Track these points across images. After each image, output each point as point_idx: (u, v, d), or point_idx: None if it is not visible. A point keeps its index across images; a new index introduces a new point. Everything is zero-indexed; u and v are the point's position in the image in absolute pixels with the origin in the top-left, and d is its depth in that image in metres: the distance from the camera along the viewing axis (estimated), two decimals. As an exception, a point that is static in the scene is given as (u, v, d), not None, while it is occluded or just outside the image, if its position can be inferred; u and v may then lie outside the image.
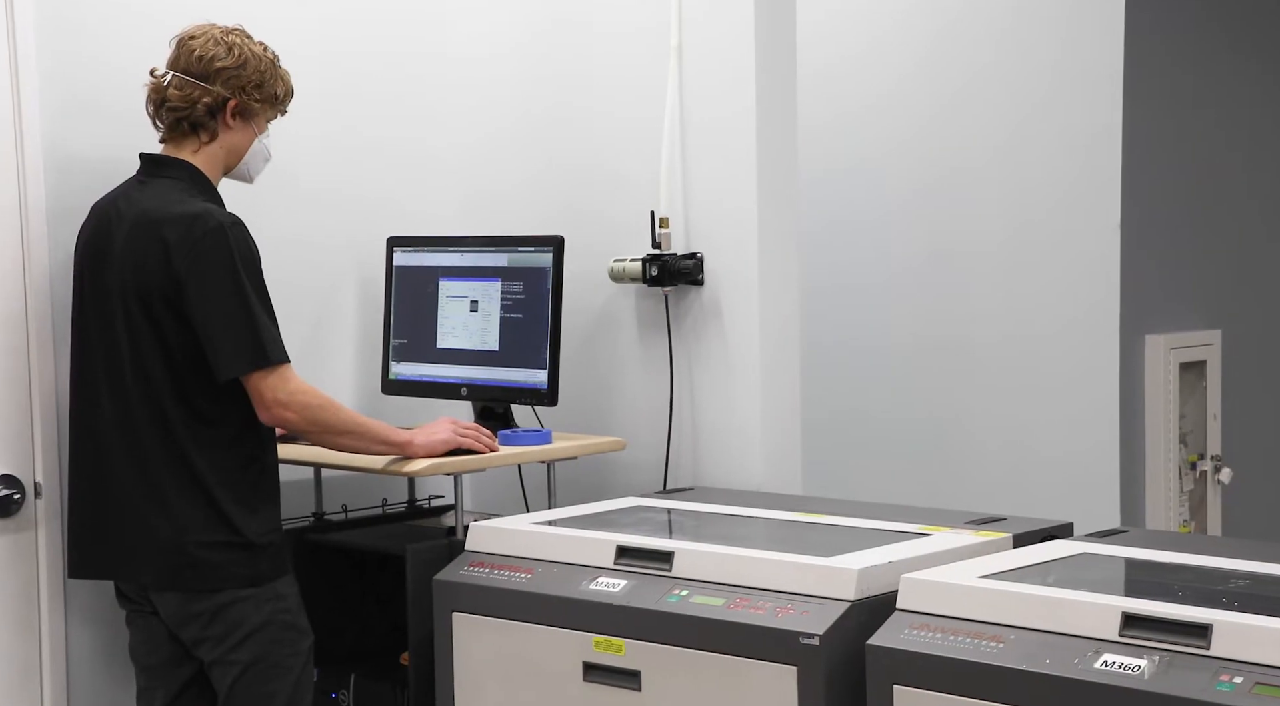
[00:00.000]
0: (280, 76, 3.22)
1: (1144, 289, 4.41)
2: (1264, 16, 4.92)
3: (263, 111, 3.20)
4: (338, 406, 3.16)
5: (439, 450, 3.29)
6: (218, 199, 3.18)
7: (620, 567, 2.99)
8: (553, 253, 3.65)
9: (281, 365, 3.04)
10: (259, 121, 3.21)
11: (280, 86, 3.21)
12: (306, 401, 3.07)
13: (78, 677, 3.44)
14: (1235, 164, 4.82)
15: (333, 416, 3.13)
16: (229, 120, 3.15)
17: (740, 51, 3.61)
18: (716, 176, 3.67)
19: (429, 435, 3.30)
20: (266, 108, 3.20)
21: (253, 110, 3.18)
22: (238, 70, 3.14)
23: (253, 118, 3.19)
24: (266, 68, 3.18)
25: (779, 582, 2.77)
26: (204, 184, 3.16)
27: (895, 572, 2.70)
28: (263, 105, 3.19)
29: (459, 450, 3.33)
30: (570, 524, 3.22)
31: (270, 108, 3.21)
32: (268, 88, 3.18)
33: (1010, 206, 4.51)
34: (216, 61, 3.12)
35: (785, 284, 3.68)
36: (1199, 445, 4.68)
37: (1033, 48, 4.47)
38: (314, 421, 3.10)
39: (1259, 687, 2.20)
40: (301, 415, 3.07)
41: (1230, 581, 2.63)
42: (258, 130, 3.21)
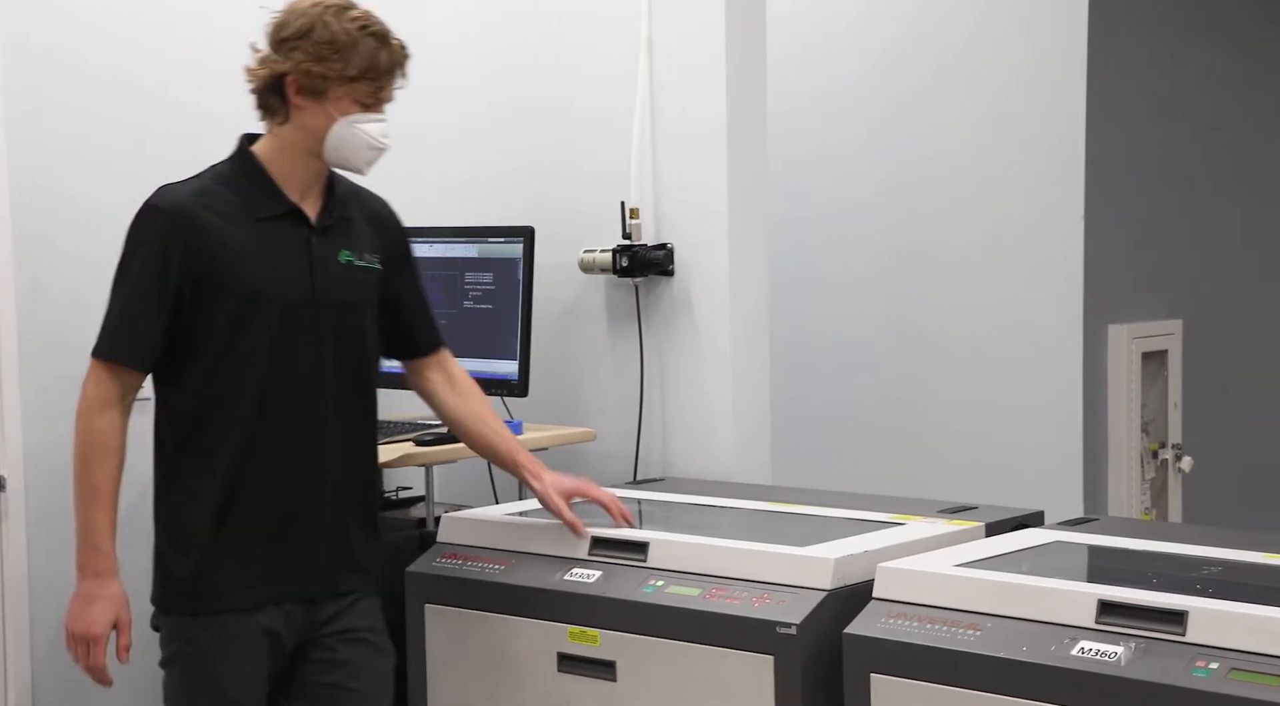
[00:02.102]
0: (360, 51, 2.74)
1: (1107, 279, 4.44)
2: (1227, 8, 4.96)
3: (338, 90, 2.75)
4: (100, 449, 2.72)
5: (78, 626, 2.76)
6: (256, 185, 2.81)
7: (594, 558, 2.99)
8: (523, 243, 3.65)
9: (93, 361, 2.75)
10: (336, 102, 2.76)
11: (356, 63, 2.73)
12: (82, 408, 2.74)
13: (42, 671, 3.42)
14: (1197, 156, 4.86)
15: (79, 448, 2.74)
16: (295, 98, 2.76)
17: (710, 43, 3.62)
18: (687, 167, 3.68)
19: (89, 608, 2.74)
20: (339, 85, 2.74)
21: (319, 87, 2.74)
22: (299, 41, 2.73)
23: (325, 96, 2.75)
24: (338, 39, 2.72)
25: (755, 572, 2.78)
26: (239, 165, 2.83)
27: (871, 561, 2.71)
28: (334, 83, 2.74)
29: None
30: (543, 515, 3.22)
31: (346, 86, 2.74)
32: (333, 62, 2.72)
33: (975, 198, 4.54)
34: (281, 31, 2.76)
35: (755, 274, 3.69)
36: (1160, 434, 4.73)
37: (997, 40, 4.50)
38: (75, 432, 2.75)
39: (1234, 673, 2.23)
40: (76, 417, 2.76)
41: (1203, 568, 2.66)
42: (337, 112, 2.76)
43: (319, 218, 2.85)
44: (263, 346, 2.77)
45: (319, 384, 2.81)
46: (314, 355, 2.81)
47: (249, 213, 2.79)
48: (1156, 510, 4.69)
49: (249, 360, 2.76)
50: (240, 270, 2.75)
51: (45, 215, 3.46)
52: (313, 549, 2.82)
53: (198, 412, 2.78)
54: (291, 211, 2.82)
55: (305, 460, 2.81)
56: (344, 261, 2.86)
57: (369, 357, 2.92)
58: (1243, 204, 5.08)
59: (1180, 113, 4.76)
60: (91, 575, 2.74)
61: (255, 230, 2.79)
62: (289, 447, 2.79)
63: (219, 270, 2.74)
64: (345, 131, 2.77)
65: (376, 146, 2.81)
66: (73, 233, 3.50)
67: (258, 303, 2.76)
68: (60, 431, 3.46)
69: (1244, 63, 5.05)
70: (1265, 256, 5.20)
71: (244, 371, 2.76)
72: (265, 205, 2.80)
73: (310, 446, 2.81)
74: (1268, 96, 5.18)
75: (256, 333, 2.76)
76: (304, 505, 2.81)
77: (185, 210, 2.74)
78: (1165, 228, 4.73)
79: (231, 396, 2.77)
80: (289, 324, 2.78)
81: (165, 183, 2.82)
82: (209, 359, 2.76)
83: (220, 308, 2.75)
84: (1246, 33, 5.07)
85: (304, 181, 2.83)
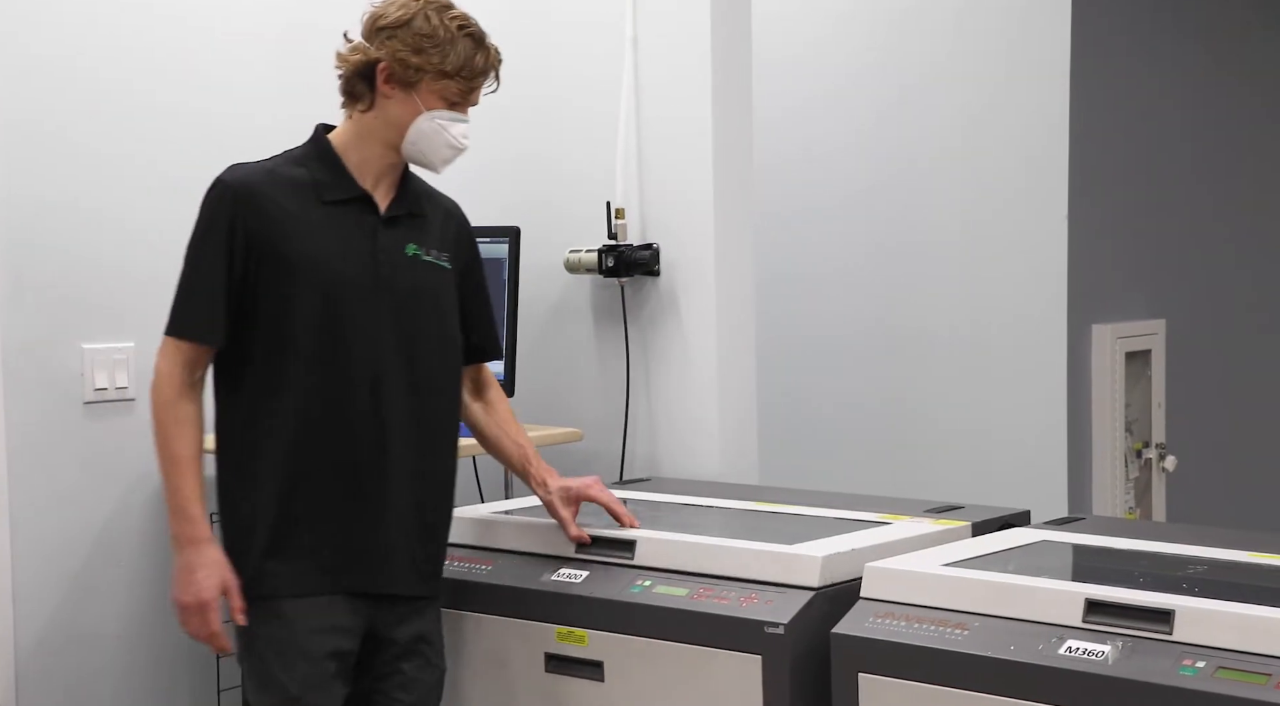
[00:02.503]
0: (457, 48, 2.74)
1: (1091, 279, 4.46)
2: (1211, 9, 4.98)
3: (430, 84, 2.74)
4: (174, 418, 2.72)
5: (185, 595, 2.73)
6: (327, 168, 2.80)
7: (582, 557, 2.99)
8: (509, 243, 3.65)
9: (166, 336, 2.75)
10: (425, 95, 2.75)
11: (453, 59, 2.73)
12: (155, 383, 2.74)
13: (26, 671, 3.41)
14: (1181, 157, 4.88)
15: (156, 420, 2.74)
16: (384, 87, 2.76)
17: (696, 43, 3.63)
18: (672, 167, 3.68)
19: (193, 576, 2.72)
20: (432, 79, 2.74)
21: (411, 78, 2.74)
22: (396, 30, 2.73)
23: (415, 88, 2.75)
24: (438, 34, 2.72)
25: (742, 571, 2.78)
26: (313, 149, 2.82)
27: (858, 560, 2.72)
28: (427, 76, 2.73)
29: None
30: (529, 514, 3.22)
31: (438, 81, 2.74)
32: (429, 55, 2.72)
33: (960, 198, 4.55)
34: (380, 20, 2.76)
35: (741, 274, 3.70)
36: (1144, 433, 4.75)
37: (981, 41, 4.51)
38: (151, 407, 2.75)
39: (1221, 672, 2.24)
40: (150, 392, 2.75)
41: (1189, 567, 2.67)
42: (424, 105, 2.75)
43: (389, 208, 2.82)
44: (320, 327, 2.73)
45: (377, 368, 2.77)
46: (373, 340, 2.77)
47: (316, 195, 2.78)
48: (1140, 509, 4.71)
49: (306, 340, 2.73)
50: (301, 250, 2.73)
51: (30, 216, 3.44)
52: (375, 546, 2.79)
53: (256, 394, 2.75)
54: (360, 197, 2.80)
55: (365, 451, 2.77)
56: (410, 254, 2.83)
57: (442, 351, 2.87)
58: (1227, 204, 5.10)
59: (1164, 113, 4.78)
60: (188, 543, 2.71)
61: (321, 213, 2.77)
62: (347, 436, 2.75)
63: (279, 249, 2.72)
64: (428, 126, 2.77)
65: (456, 146, 2.81)
66: (56, 234, 3.48)
67: (316, 283, 2.73)
68: (44, 437, 3.47)
69: (1228, 63, 5.08)
70: (1248, 257, 5.22)
71: (300, 351, 2.73)
72: (334, 188, 2.79)
73: (370, 438, 2.77)
74: (1252, 96, 5.20)
75: (314, 313, 2.73)
76: (361, 500, 2.77)
77: (250, 187, 2.74)
78: (1149, 228, 4.75)
79: (287, 378, 2.73)
80: (348, 307, 2.75)
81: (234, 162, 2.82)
82: (268, 338, 2.74)
83: (279, 287, 2.73)
84: (1231, 33, 5.09)
85: (378, 170, 2.81)
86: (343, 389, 2.76)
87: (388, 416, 2.78)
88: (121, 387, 3.55)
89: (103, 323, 3.53)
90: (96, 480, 3.56)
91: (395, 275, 2.80)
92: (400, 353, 2.80)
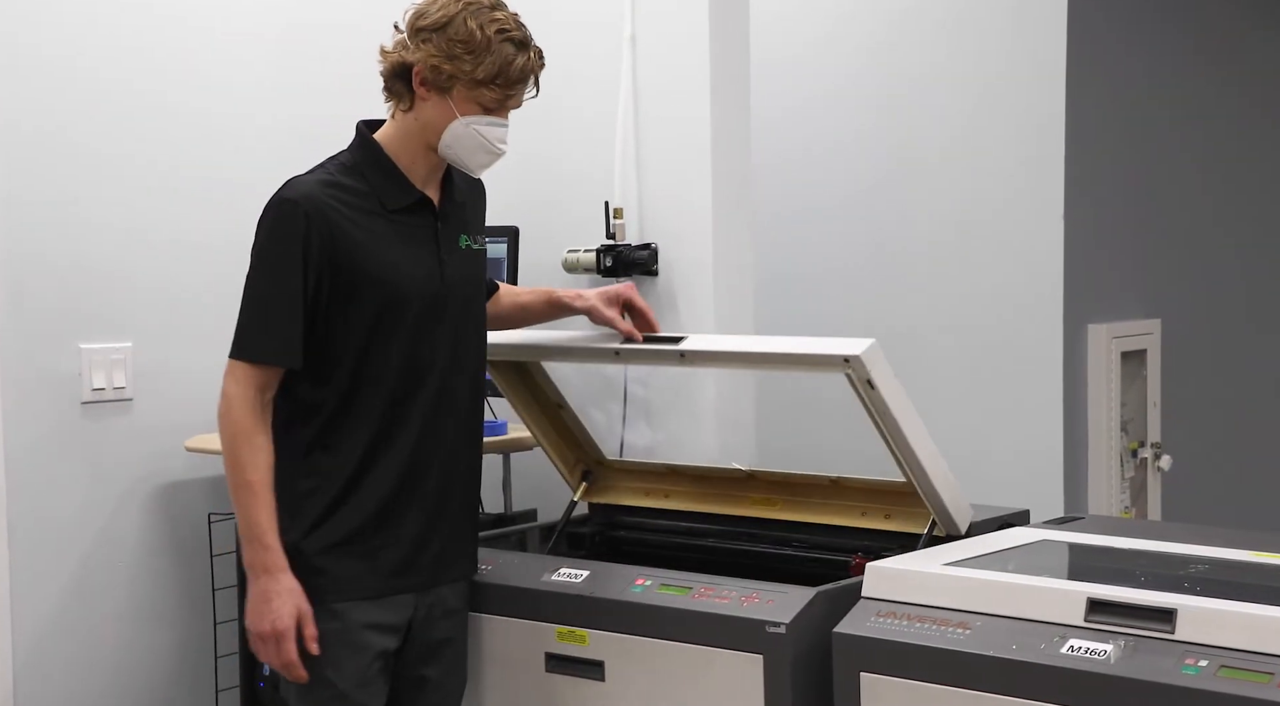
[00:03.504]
0: (494, 56, 2.69)
1: (1086, 279, 4.46)
2: (1207, 8, 4.99)
3: (464, 90, 2.71)
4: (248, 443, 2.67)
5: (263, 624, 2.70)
6: (384, 175, 2.77)
7: (583, 557, 2.99)
8: (507, 243, 3.65)
9: (233, 360, 2.70)
10: (460, 101, 2.72)
11: (486, 67, 2.69)
12: (225, 407, 2.69)
13: (24, 679, 3.40)
14: (1176, 156, 4.89)
15: (228, 445, 2.69)
16: (420, 89, 2.73)
17: (695, 43, 3.63)
18: (671, 167, 3.68)
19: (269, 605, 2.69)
20: (467, 86, 2.71)
21: (445, 84, 2.71)
22: (433, 33, 2.69)
23: (449, 93, 2.71)
24: (474, 39, 2.68)
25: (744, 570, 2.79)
26: (365, 155, 2.79)
27: (860, 560, 2.73)
28: (460, 82, 2.70)
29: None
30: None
31: (473, 88, 2.71)
32: (462, 62, 2.68)
33: (956, 198, 4.55)
34: (420, 20, 2.72)
35: (740, 274, 3.70)
36: (1139, 433, 4.75)
37: (977, 43, 4.51)
38: (220, 432, 2.71)
39: (1224, 670, 2.24)
40: (218, 417, 2.71)
41: (1190, 566, 2.67)
42: (459, 111, 2.72)
43: (441, 205, 2.83)
44: (398, 345, 2.74)
45: (444, 370, 2.79)
46: (441, 344, 2.79)
47: (380, 204, 2.75)
48: (1135, 509, 4.72)
49: (385, 359, 2.73)
50: (376, 266, 2.71)
51: (28, 217, 3.44)
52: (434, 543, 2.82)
53: (328, 412, 2.73)
54: (421, 201, 2.79)
55: (431, 453, 2.79)
56: (464, 247, 2.85)
57: (481, 336, 2.93)
58: (1222, 204, 5.11)
59: (1160, 114, 4.78)
60: (263, 572, 2.68)
61: (387, 223, 2.75)
62: (416, 438, 2.76)
63: (355, 266, 2.70)
64: (463, 131, 2.74)
65: (493, 151, 2.78)
66: (55, 234, 3.48)
67: (394, 300, 2.72)
68: (41, 437, 3.46)
69: (1224, 63, 5.08)
70: (1243, 256, 5.23)
71: (380, 370, 2.73)
72: (395, 195, 2.76)
73: (437, 438, 2.79)
74: (1247, 96, 5.21)
75: (392, 331, 2.73)
76: (424, 500, 2.80)
77: (318, 202, 2.69)
78: (1144, 228, 4.76)
79: (363, 392, 2.73)
80: (423, 321, 2.75)
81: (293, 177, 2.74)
82: (344, 357, 2.72)
83: (356, 304, 2.71)
84: (1227, 33, 5.10)
85: (428, 169, 2.80)
86: (415, 394, 2.76)
87: (451, 416, 2.81)
88: (119, 387, 3.55)
89: (101, 323, 3.53)
90: (94, 480, 3.56)
91: (456, 280, 2.82)
92: (459, 348, 2.82)
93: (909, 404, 2.83)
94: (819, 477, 3.18)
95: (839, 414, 4.60)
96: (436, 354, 2.78)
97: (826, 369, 2.86)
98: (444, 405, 2.80)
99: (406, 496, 2.78)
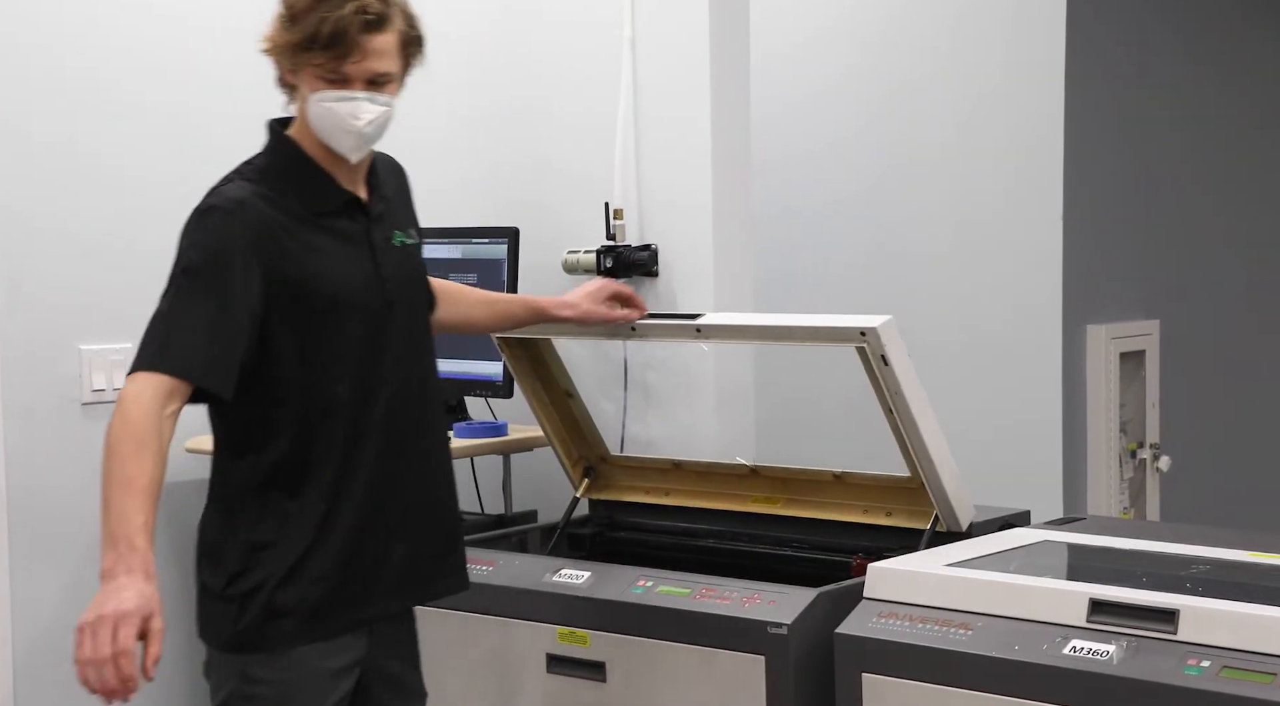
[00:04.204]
0: (311, 18, 2.38)
1: (1085, 280, 4.46)
2: (1205, 10, 5.00)
3: (300, 62, 2.42)
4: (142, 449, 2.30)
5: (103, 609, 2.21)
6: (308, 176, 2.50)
7: (585, 557, 3.00)
8: (507, 244, 3.65)
9: (135, 372, 2.36)
10: (306, 77, 2.43)
11: (301, 29, 2.39)
12: (121, 413, 2.32)
13: (24, 687, 3.40)
14: (1175, 157, 4.89)
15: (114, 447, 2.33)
16: (284, 74, 2.49)
17: (694, 44, 3.62)
18: (670, 168, 3.68)
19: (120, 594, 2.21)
20: (299, 58, 2.41)
21: (287, 61, 2.44)
22: (278, 7, 2.45)
23: (299, 72, 2.44)
24: (296, 5, 2.40)
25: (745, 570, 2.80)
26: (281, 156, 2.51)
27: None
28: (293, 54, 2.42)
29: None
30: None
31: (302, 56, 2.41)
32: (283, 30, 2.41)
33: (954, 199, 4.55)
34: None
35: (739, 275, 3.70)
36: (1138, 433, 4.75)
37: (975, 42, 4.51)
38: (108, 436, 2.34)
39: (1226, 671, 2.24)
40: (110, 423, 2.35)
41: (1191, 567, 2.67)
42: (308, 88, 2.44)
43: (371, 203, 2.56)
44: (347, 360, 2.47)
45: (395, 381, 2.52)
46: (400, 363, 2.53)
47: (310, 208, 2.48)
48: (1135, 509, 4.72)
49: (335, 377, 2.46)
50: (314, 278, 2.45)
51: (28, 218, 3.43)
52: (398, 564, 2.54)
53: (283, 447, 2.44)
54: (350, 200, 2.53)
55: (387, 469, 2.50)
56: (398, 244, 2.58)
57: (431, 338, 2.66)
58: (1221, 205, 5.11)
59: (1158, 114, 4.79)
60: (124, 573, 2.22)
61: (316, 229, 2.48)
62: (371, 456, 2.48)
63: (293, 278, 2.43)
64: (317, 109, 2.45)
65: (350, 129, 2.44)
66: (54, 235, 3.48)
67: (337, 313, 2.47)
68: (39, 443, 3.46)
69: (1223, 64, 5.09)
70: (1242, 257, 5.23)
71: (331, 389, 2.46)
72: (323, 197, 2.51)
73: (390, 452, 2.50)
74: (1245, 97, 5.21)
75: (337, 345, 2.47)
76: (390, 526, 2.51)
77: (255, 211, 2.43)
78: (1143, 228, 4.76)
79: (314, 422, 2.45)
80: (370, 331, 2.49)
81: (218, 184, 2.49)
82: (290, 380, 2.44)
83: (297, 320, 2.44)
84: (1224, 34, 5.10)
85: (350, 165, 2.52)
86: (371, 411, 2.49)
87: (406, 427, 2.54)
88: (119, 388, 3.53)
89: (100, 324, 3.53)
90: (94, 480, 3.54)
91: (395, 277, 2.56)
92: (409, 355, 2.57)
93: (920, 385, 2.83)
94: (822, 473, 3.19)
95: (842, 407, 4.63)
96: (388, 365, 2.51)
97: (842, 342, 2.86)
98: (401, 421, 2.53)
99: (374, 528, 2.49)
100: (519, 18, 3.94)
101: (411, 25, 2.50)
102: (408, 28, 2.49)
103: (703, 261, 3.65)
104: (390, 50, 2.45)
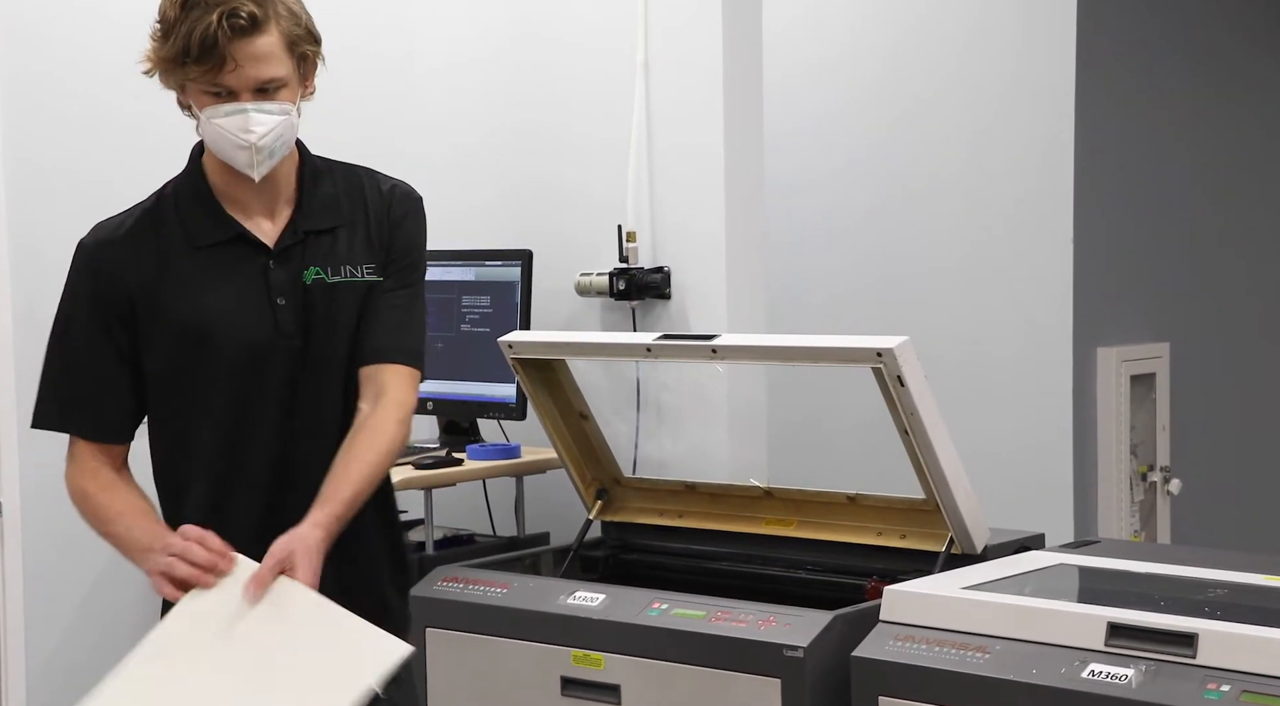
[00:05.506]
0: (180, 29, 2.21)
1: (1096, 302, 4.46)
2: (1216, 29, 5.00)
3: (181, 79, 2.27)
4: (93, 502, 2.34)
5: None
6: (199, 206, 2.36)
7: (598, 579, 2.99)
8: (521, 267, 3.66)
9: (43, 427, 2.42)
10: (193, 94, 2.28)
11: (173, 43, 2.22)
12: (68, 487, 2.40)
13: (37, 694, 3.40)
14: (1185, 179, 4.89)
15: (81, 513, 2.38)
16: (178, 92, 2.33)
17: (706, 69, 3.64)
18: (683, 191, 3.69)
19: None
20: (179, 75, 2.25)
21: (169, 80, 2.30)
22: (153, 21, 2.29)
23: (187, 89, 2.29)
24: (166, 18, 2.25)
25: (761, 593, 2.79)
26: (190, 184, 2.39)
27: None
28: (170, 71, 2.26)
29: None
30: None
31: (180, 72, 2.24)
32: (157, 47, 2.26)
33: (965, 220, 4.55)
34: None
35: (752, 297, 3.70)
36: (1149, 456, 4.75)
37: (985, 63, 4.52)
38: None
39: (1246, 695, 2.24)
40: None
41: (1209, 590, 2.67)
42: (197, 106, 2.29)
43: (281, 237, 2.35)
44: (214, 399, 2.32)
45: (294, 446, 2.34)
46: (281, 407, 2.34)
47: (187, 240, 2.34)
48: (1145, 532, 4.71)
49: (199, 418, 2.32)
50: (179, 309, 2.31)
51: (40, 239, 3.44)
52: None
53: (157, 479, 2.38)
54: (237, 236, 2.34)
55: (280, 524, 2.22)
56: (311, 282, 2.35)
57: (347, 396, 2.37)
58: (1231, 227, 5.11)
59: (1169, 135, 4.79)
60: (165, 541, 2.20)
61: (197, 260, 2.33)
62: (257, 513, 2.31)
63: (152, 313, 2.32)
64: (208, 128, 2.28)
65: (242, 144, 2.26)
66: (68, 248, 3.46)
67: (205, 346, 2.31)
68: (57, 449, 3.46)
69: (1233, 85, 5.09)
70: (1252, 280, 5.23)
71: (195, 431, 2.33)
72: (205, 231, 2.35)
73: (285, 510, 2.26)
74: (1256, 118, 5.21)
75: (207, 383, 2.32)
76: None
77: (112, 246, 2.34)
78: (1154, 251, 4.76)
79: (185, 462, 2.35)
80: (247, 369, 2.32)
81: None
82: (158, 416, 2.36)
83: (164, 353, 2.32)
84: (1235, 54, 5.10)
85: (256, 191, 2.34)
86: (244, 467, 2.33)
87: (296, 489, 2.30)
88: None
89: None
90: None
91: (296, 322, 2.33)
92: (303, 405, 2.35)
93: (936, 407, 2.83)
94: (836, 495, 3.19)
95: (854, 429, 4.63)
96: (267, 419, 2.33)
97: (859, 362, 2.86)
98: (284, 476, 2.34)
99: None
100: (533, 43, 3.95)
101: (297, 22, 2.30)
102: (292, 25, 2.29)
103: (715, 283, 3.65)
104: (272, 53, 2.26)
